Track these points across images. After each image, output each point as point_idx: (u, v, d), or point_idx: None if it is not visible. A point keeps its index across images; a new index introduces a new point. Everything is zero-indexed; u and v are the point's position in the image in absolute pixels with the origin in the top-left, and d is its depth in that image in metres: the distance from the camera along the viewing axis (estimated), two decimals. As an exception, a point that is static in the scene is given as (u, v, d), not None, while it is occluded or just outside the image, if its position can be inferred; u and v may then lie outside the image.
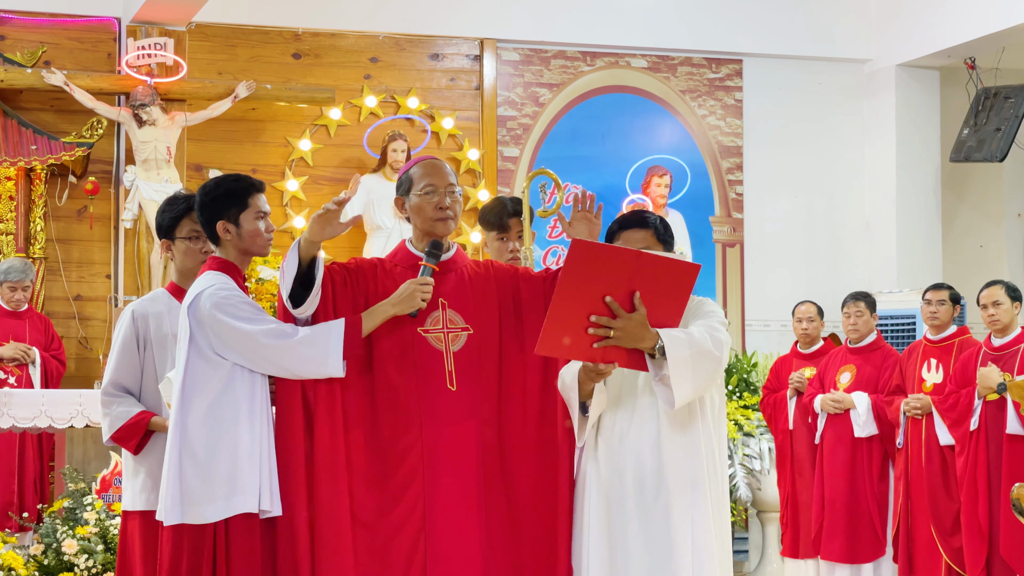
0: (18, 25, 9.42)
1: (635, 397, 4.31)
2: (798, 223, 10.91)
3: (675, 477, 4.23)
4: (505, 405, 4.43)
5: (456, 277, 4.48)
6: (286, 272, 4.27)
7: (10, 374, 8.36)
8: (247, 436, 4.26)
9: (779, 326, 10.53)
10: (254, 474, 4.24)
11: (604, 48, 10.48)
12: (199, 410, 4.26)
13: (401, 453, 4.34)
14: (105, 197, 9.44)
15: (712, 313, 4.33)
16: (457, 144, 10.17)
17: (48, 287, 9.27)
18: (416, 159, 4.59)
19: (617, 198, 10.16)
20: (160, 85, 9.19)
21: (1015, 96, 10.16)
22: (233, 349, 4.27)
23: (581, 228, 4.50)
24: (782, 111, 10.87)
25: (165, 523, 4.25)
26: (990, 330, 7.49)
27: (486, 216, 5.39)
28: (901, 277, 10.63)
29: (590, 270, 4.02)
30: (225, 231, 4.49)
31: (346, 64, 10.00)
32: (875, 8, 10.90)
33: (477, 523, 4.34)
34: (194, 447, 4.25)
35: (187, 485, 4.22)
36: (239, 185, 4.52)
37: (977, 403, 7.33)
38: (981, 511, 7.30)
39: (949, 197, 11.22)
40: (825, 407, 8.04)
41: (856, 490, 7.93)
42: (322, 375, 4.28)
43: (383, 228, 9.46)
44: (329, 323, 4.28)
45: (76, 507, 7.10)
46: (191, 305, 4.31)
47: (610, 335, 4.05)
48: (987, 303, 7.45)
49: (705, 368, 4.13)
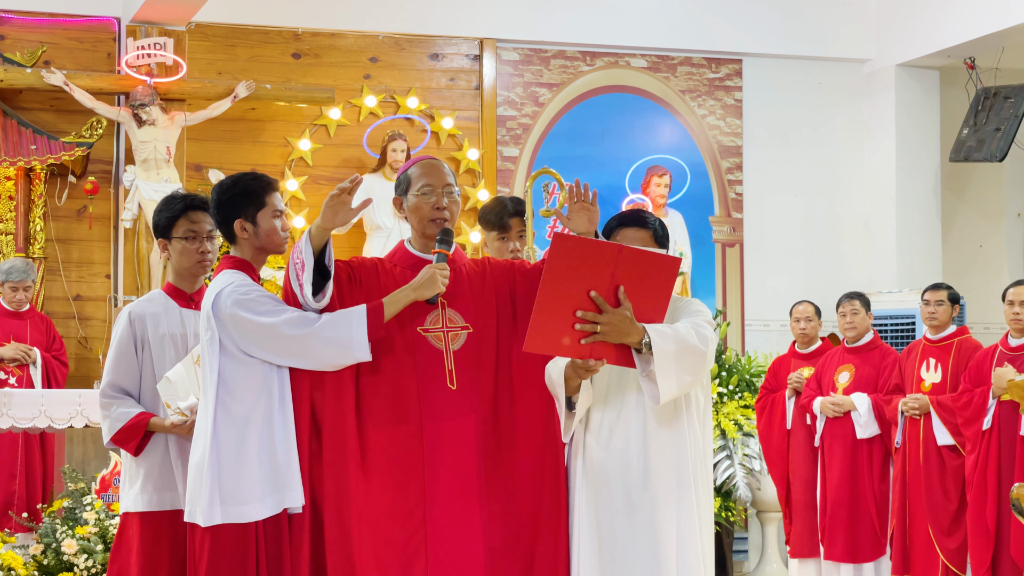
0: (18, 25, 9.42)
1: (622, 394, 4.32)
2: (798, 223, 10.91)
3: (661, 474, 4.25)
4: (503, 400, 4.45)
5: (455, 276, 4.49)
6: (305, 265, 4.26)
7: (11, 374, 8.37)
8: (281, 432, 4.27)
9: (779, 326, 10.53)
10: (295, 469, 4.25)
11: (604, 48, 10.48)
12: (232, 409, 4.25)
13: (402, 450, 4.35)
14: (105, 197, 9.44)
15: (699, 312, 4.33)
16: (457, 144, 10.17)
17: (48, 287, 9.28)
18: (415, 159, 4.60)
19: (617, 198, 10.16)
20: (160, 85, 9.19)
21: (1015, 96, 10.16)
22: (257, 344, 4.26)
23: (580, 219, 4.50)
24: (782, 111, 10.87)
25: (203, 524, 4.23)
26: (1010, 328, 7.44)
27: (486, 216, 5.39)
28: (900, 277, 10.63)
29: (573, 265, 4.02)
30: (243, 230, 4.49)
31: (346, 64, 10.01)
32: (875, 8, 10.90)
33: (477, 518, 4.36)
34: (230, 446, 4.24)
35: (225, 485, 4.22)
36: (257, 184, 4.52)
37: (991, 403, 7.31)
38: (989, 511, 7.28)
39: (949, 197, 11.22)
40: (825, 411, 8.03)
41: (857, 490, 7.93)
42: (347, 361, 4.28)
43: (383, 228, 9.46)
44: (350, 309, 4.29)
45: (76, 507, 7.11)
46: (213, 305, 4.30)
47: (596, 330, 4.05)
48: (1015, 300, 7.40)
49: (690, 363, 4.13)
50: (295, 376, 4.34)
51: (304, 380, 4.34)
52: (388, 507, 4.32)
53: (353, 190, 4.30)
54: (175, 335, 4.87)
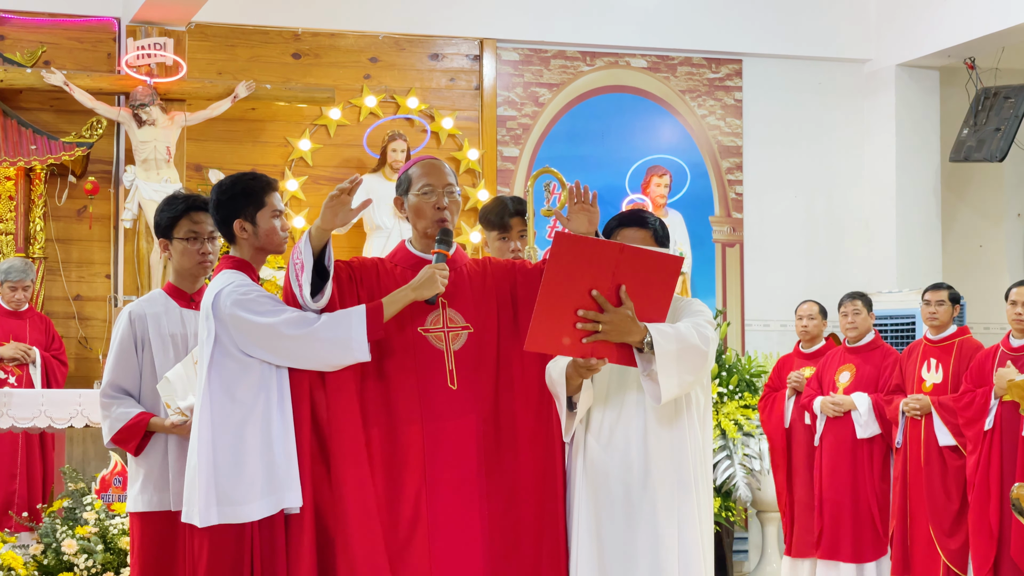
0: (18, 25, 9.42)
1: (623, 393, 4.32)
2: (798, 223, 10.91)
3: (662, 475, 4.25)
4: (504, 399, 4.45)
5: (455, 276, 4.49)
6: (304, 265, 4.26)
7: (10, 374, 8.37)
8: (280, 432, 4.26)
9: (779, 326, 10.53)
10: (294, 470, 4.25)
11: (604, 48, 10.48)
12: (230, 409, 4.25)
13: (402, 449, 4.36)
14: (105, 197, 9.44)
15: (700, 312, 4.33)
16: (457, 144, 10.17)
17: (48, 287, 9.27)
18: (415, 159, 4.60)
19: (617, 198, 10.16)
20: (160, 85, 9.19)
21: (1015, 96, 10.16)
22: (257, 344, 4.25)
23: (581, 220, 4.50)
24: (782, 111, 10.87)
25: (199, 525, 4.22)
26: (1012, 328, 7.44)
27: (487, 216, 5.38)
28: (901, 277, 10.63)
29: (575, 264, 4.01)
30: (242, 229, 4.49)
31: (346, 64, 10.00)
32: (875, 8, 10.90)
33: (478, 517, 4.37)
34: (228, 446, 4.23)
35: (222, 485, 4.21)
36: (257, 184, 4.51)
37: (993, 403, 7.31)
38: (992, 512, 7.27)
39: (949, 197, 11.23)
40: (825, 410, 8.03)
41: (858, 490, 7.93)
42: (347, 361, 4.27)
43: (383, 228, 9.46)
44: (349, 309, 4.28)
45: (76, 507, 7.11)
46: (212, 305, 4.29)
47: (598, 329, 4.05)
48: (1017, 300, 7.39)
49: (691, 362, 4.13)
50: (295, 376, 4.33)
51: (304, 380, 4.33)
52: (388, 506, 4.32)
53: (353, 190, 4.30)
54: (175, 335, 4.87)
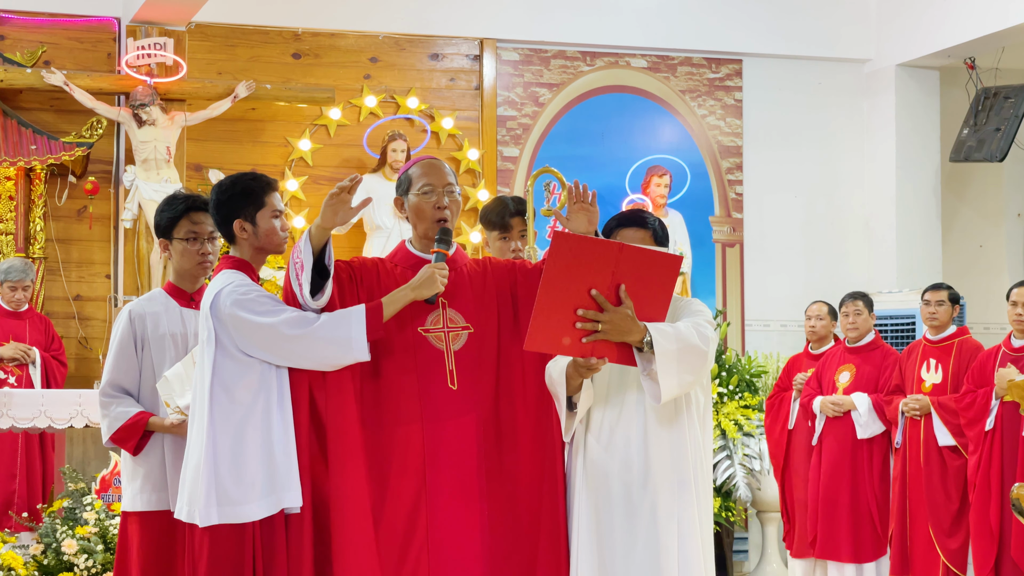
0: (18, 25, 9.42)
1: (623, 393, 4.32)
2: (798, 223, 10.91)
3: (662, 475, 4.25)
4: (504, 399, 4.46)
5: (456, 276, 4.49)
6: (304, 264, 4.26)
7: (10, 374, 8.37)
8: (279, 432, 4.26)
9: (779, 326, 10.53)
10: (294, 469, 4.25)
11: (604, 48, 10.48)
12: (230, 408, 4.24)
13: (402, 449, 4.36)
14: (105, 197, 9.44)
15: (699, 312, 4.33)
16: (457, 144, 10.17)
17: (48, 287, 9.27)
18: (416, 159, 4.61)
19: (617, 198, 10.16)
20: (160, 85, 9.19)
21: (1015, 96, 10.16)
22: (256, 344, 4.25)
23: (580, 219, 4.50)
24: (782, 111, 10.87)
25: (200, 525, 4.22)
26: (1013, 329, 7.43)
27: (487, 216, 5.39)
28: (901, 277, 10.63)
29: (574, 263, 4.01)
30: (242, 230, 4.49)
31: (346, 64, 10.00)
32: (875, 8, 10.90)
33: (478, 517, 4.37)
34: (227, 447, 4.23)
35: (222, 485, 4.21)
36: (256, 184, 4.51)
37: (994, 403, 7.31)
38: (992, 512, 7.27)
39: (949, 197, 11.22)
40: (824, 410, 8.02)
41: (857, 490, 7.92)
42: (347, 361, 4.27)
43: (383, 228, 9.46)
44: (349, 309, 4.28)
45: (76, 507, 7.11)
46: (212, 305, 4.29)
47: (598, 329, 4.05)
48: (1019, 301, 7.37)
49: (691, 362, 4.13)
50: (295, 376, 4.33)
51: (304, 380, 4.33)
52: (388, 507, 4.33)
53: (353, 189, 4.30)
54: (175, 334, 4.87)
